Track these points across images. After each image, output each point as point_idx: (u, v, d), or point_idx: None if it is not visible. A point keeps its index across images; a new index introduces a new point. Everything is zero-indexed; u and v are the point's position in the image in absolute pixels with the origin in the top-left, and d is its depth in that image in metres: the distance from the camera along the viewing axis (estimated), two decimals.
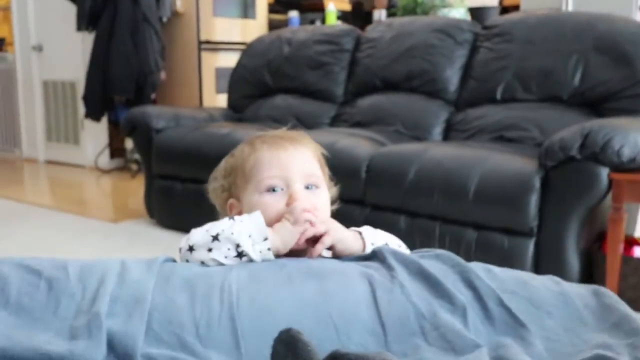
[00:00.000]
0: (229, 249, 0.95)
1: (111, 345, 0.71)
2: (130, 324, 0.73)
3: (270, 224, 1.01)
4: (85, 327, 0.71)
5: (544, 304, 0.81)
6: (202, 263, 0.95)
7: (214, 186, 1.19)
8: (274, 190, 1.06)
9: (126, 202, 4.24)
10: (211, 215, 1.18)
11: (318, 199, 1.07)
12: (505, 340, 0.73)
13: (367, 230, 1.07)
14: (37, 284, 0.80)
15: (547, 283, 0.86)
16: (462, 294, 0.81)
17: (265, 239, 0.96)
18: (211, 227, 0.99)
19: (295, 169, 1.06)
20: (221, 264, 0.94)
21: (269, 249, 0.96)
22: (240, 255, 0.95)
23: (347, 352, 0.54)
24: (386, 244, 1.03)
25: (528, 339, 0.75)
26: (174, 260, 0.96)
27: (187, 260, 0.98)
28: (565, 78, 2.69)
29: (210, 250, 0.96)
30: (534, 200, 2.15)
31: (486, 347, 0.72)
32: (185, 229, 3.43)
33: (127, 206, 4.07)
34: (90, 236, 3.19)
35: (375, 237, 1.06)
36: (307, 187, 1.07)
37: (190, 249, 0.98)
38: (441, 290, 0.81)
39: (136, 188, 4.47)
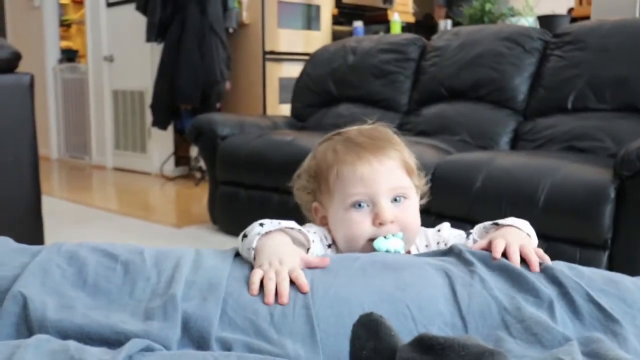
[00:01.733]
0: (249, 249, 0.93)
1: (186, 328, 0.70)
2: (205, 308, 0.72)
3: (355, 240, 1.01)
4: (161, 309, 0.71)
5: (636, 303, 0.76)
6: None
7: (299, 186, 1.17)
8: (359, 205, 1.03)
9: (190, 208, 4.31)
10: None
11: (406, 214, 1.04)
12: (596, 336, 0.69)
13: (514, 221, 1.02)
14: (113, 267, 0.80)
15: (638, 283, 0.81)
16: (547, 289, 0.77)
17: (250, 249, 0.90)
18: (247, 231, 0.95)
19: (380, 186, 1.03)
20: None
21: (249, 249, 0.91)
22: None
23: (436, 335, 0.52)
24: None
25: (622, 334, 0.70)
26: None
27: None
28: None
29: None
30: (608, 211, 2.06)
31: (576, 340, 0.68)
32: None
33: (191, 212, 4.14)
34: (154, 240, 3.25)
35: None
36: (394, 199, 1.04)
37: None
38: (524, 284, 0.78)
39: (200, 195, 4.54)
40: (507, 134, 2.96)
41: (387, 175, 1.04)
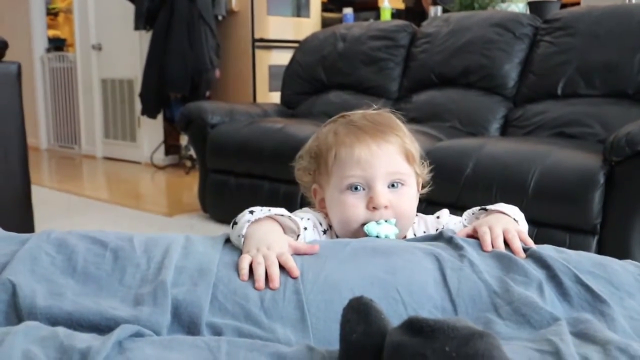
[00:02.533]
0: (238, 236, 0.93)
1: (176, 313, 0.70)
2: (195, 293, 0.72)
3: (348, 223, 1.01)
4: (151, 295, 0.71)
5: (624, 285, 0.77)
6: None
7: (300, 167, 1.17)
8: (355, 188, 1.03)
9: (180, 197, 4.30)
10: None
11: (402, 200, 1.03)
12: (584, 316, 0.70)
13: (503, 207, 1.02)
14: (103, 254, 0.80)
15: (626, 265, 0.82)
16: (536, 272, 0.77)
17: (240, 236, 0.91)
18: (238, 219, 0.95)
19: (377, 169, 1.02)
20: None
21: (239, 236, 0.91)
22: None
23: (425, 318, 0.52)
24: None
25: (610, 315, 0.71)
26: None
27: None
28: (631, 72, 2.60)
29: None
30: (597, 196, 2.08)
31: (565, 321, 0.68)
32: None
33: (182, 201, 4.13)
34: (145, 229, 3.24)
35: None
36: (392, 185, 1.04)
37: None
38: (514, 267, 0.78)
39: (190, 184, 4.53)
40: (497, 120, 2.96)
41: (385, 160, 1.03)
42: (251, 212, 0.93)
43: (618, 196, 2.07)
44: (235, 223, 0.93)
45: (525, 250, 0.86)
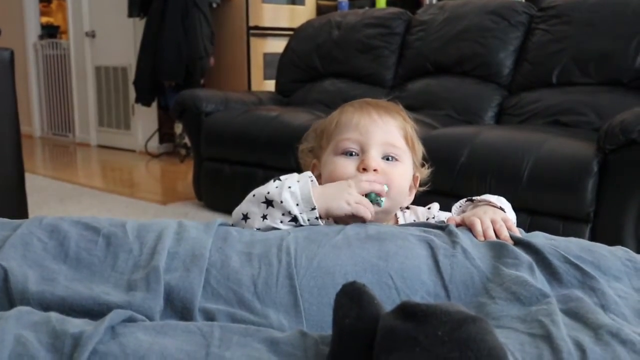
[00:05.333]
0: (283, 215, 0.94)
1: (169, 299, 0.70)
2: (188, 279, 0.72)
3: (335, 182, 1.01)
4: (143, 280, 0.71)
5: (611, 269, 0.77)
6: (258, 230, 0.94)
7: (303, 147, 1.18)
8: (350, 154, 1.04)
9: (175, 185, 4.29)
10: None
11: (393, 172, 1.03)
12: (575, 293, 0.70)
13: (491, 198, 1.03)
14: (95, 240, 0.80)
15: (614, 251, 0.83)
16: (526, 256, 0.78)
17: (313, 209, 0.94)
18: (258, 193, 0.97)
19: (373, 136, 1.03)
20: (276, 230, 0.93)
21: (317, 218, 0.94)
22: (295, 219, 0.94)
23: (418, 302, 0.52)
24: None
25: (600, 289, 0.71)
26: (229, 224, 0.95)
27: (245, 214, 0.98)
28: (626, 61, 2.60)
29: (264, 217, 0.95)
30: (591, 185, 2.08)
31: (554, 298, 0.69)
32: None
33: (176, 189, 4.12)
34: (139, 217, 3.23)
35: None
36: (386, 158, 1.04)
37: (245, 217, 0.97)
38: (505, 252, 0.78)
39: (185, 172, 4.52)
40: (492, 108, 2.96)
41: (384, 130, 1.04)
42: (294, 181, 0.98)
43: (612, 184, 2.07)
44: (246, 217, 0.97)
45: (513, 238, 0.87)
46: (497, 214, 0.94)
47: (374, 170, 1.02)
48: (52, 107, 6.61)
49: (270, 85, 4.51)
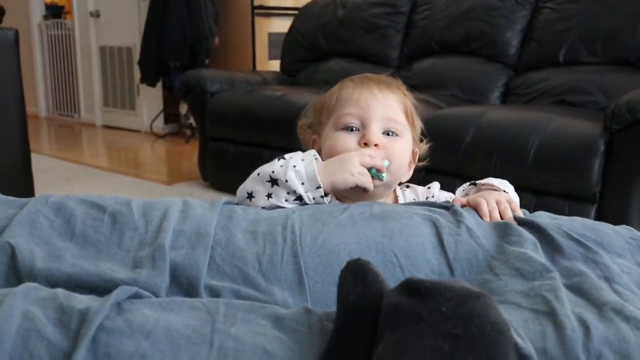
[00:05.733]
0: (288, 194, 0.95)
1: (175, 276, 0.71)
2: (193, 256, 0.72)
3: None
4: (149, 257, 0.71)
5: (614, 247, 0.78)
6: (263, 208, 0.95)
7: (302, 123, 1.19)
8: (351, 129, 1.04)
9: (180, 165, 4.30)
10: None
11: (394, 147, 1.04)
12: (578, 267, 0.70)
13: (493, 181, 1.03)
14: (101, 217, 0.80)
15: (618, 229, 0.83)
16: (530, 235, 0.78)
17: (318, 187, 0.94)
18: (263, 172, 0.98)
19: (374, 111, 1.04)
20: (281, 208, 0.93)
21: (322, 196, 0.95)
22: (300, 198, 0.95)
23: (422, 279, 0.52)
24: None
25: (603, 262, 0.72)
26: (234, 203, 0.95)
27: (250, 193, 0.98)
28: (634, 40, 2.58)
29: (269, 195, 0.96)
30: (597, 164, 2.07)
31: (558, 272, 0.69)
32: None
33: (181, 169, 4.13)
34: (145, 197, 3.23)
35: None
36: (387, 134, 1.05)
37: (250, 196, 0.98)
38: (510, 231, 0.79)
39: (190, 152, 4.53)
40: (498, 88, 2.94)
41: (384, 104, 1.05)
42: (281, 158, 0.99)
43: (618, 164, 2.06)
44: (251, 195, 0.97)
45: (517, 219, 0.87)
46: (501, 196, 0.95)
47: (375, 145, 1.02)
48: (57, 87, 6.61)
49: (275, 65, 4.49)
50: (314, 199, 0.95)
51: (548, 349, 0.57)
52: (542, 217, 0.88)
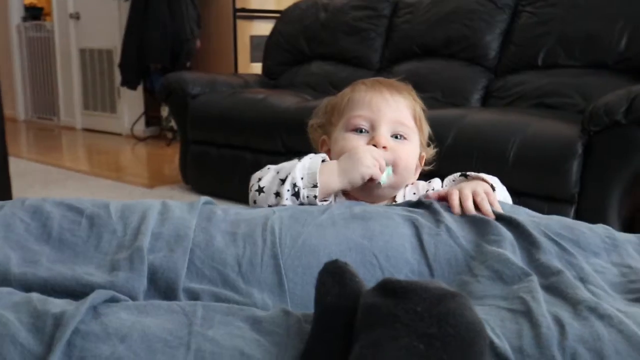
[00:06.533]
0: (288, 190, 0.96)
1: (153, 279, 0.70)
2: (172, 259, 0.72)
3: None
4: (127, 260, 0.71)
5: (590, 246, 0.79)
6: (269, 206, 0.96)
7: (312, 122, 1.20)
8: (360, 131, 1.06)
9: (161, 168, 4.28)
10: (246, 179, 1.17)
11: (401, 150, 1.05)
12: (555, 265, 0.71)
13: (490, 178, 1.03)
14: (78, 220, 0.79)
15: (595, 228, 0.84)
16: (508, 231, 0.79)
17: (314, 186, 0.95)
18: (281, 169, 0.99)
19: (384, 114, 1.05)
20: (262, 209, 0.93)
21: (315, 197, 0.95)
22: (297, 195, 0.95)
23: (399, 279, 0.52)
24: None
25: (578, 264, 0.73)
26: (214, 204, 0.95)
27: (255, 201, 0.99)
28: (611, 43, 2.61)
29: (277, 194, 0.96)
30: (575, 166, 2.10)
31: (535, 275, 0.70)
32: (220, 195, 3.41)
33: (163, 173, 4.11)
34: (125, 200, 3.22)
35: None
36: (395, 137, 1.06)
37: (260, 190, 0.98)
38: (488, 228, 0.79)
39: (171, 156, 4.50)
40: (478, 91, 2.96)
41: (394, 108, 1.07)
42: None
43: (596, 166, 2.09)
44: (261, 190, 0.98)
45: (495, 213, 0.87)
46: (480, 186, 0.94)
47: (383, 147, 1.04)
48: (36, 90, 6.54)
49: (257, 68, 4.49)
50: (307, 197, 0.96)
51: (524, 348, 0.58)
52: (521, 214, 0.88)
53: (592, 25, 2.67)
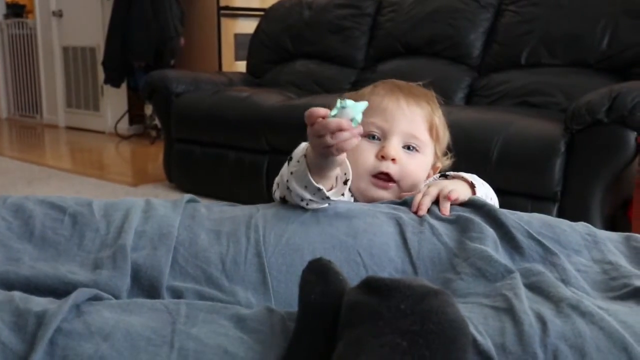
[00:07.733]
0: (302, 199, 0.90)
1: (136, 278, 0.70)
2: (156, 257, 0.72)
3: (356, 166, 0.98)
4: (110, 259, 0.71)
5: (571, 243, 0.79)
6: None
7: None
8: (373, 137, 1.04)
9: (145, 167, 4.25)
10: (229, 178, 1.15)
11: (410, 163, 1.04)
12: (537, 267, 0.72)
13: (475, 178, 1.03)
14: (61, 218, 0.79)
15: (575, 226, 0.85)
16: (491, 229, 0.79)
17: (319, 190, 0.89)
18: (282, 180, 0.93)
19: (398, 124, 1.03)
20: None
21: (323, 198, 0.89)
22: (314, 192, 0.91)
23: (382, 277, 0.53)
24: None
25: (560, 265, 0.73)
26: (198, 201, 0.94)
27: (283, 198, 0.91)
28: (593, 42, 2.63)
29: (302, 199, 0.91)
30: (558, 164, 2.11)
31: (518, 273, 0.70)
32: (205, 193, 3.38)
33: (147, 171, 4.08)
34: (109, 199, 3.20)
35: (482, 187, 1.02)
36: (407, 148, 1.04)
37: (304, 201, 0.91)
38: (470, 226, 0.80)
39: (155, 154, 4.48)
40: (462, 89, 2.97)
41: (409, 119, 1.04)
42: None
43: (578, 164, 2.11)
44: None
45: (479, 207, 0.88)
46: (449, 186, 0.94)
47: (392, 159, 1.02)
48: (19, 88, 6.47)
49: (241, 66, 4.47)
50: (324, 199, 0.88)
51: (507, 345, 0.58)
52: (504, 211, 0.89)
53: (575, 25, 2.69)
